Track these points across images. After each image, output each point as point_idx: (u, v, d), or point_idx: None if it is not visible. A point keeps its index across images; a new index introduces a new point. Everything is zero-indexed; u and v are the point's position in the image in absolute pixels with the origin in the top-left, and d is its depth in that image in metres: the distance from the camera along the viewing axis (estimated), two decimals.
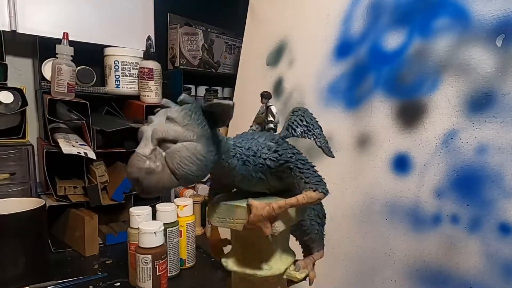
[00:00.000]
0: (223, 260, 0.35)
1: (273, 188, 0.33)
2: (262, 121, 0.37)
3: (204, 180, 0.37)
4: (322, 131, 0.35)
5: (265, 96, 0.37)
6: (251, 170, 0.31)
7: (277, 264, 0.33)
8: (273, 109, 0.36)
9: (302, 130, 0.34)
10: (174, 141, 0.26)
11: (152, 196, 0.27)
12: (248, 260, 0.33)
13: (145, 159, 0.25)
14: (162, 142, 0.26)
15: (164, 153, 0.26)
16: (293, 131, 0.34)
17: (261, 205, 0.29)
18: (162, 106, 0.28)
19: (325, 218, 0.39)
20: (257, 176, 0.31)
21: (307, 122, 0.34)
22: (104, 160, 0.83)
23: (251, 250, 0.33)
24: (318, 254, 0.39)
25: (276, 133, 0.35)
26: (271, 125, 0.36)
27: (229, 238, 0.38)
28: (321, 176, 0.31)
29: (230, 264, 0.34)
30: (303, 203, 0.30)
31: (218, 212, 0.32)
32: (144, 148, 0.25)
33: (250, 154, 0.31)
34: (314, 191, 0.30)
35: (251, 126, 0.38)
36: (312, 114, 0.35)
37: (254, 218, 0.29)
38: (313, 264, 0.38)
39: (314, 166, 0.31)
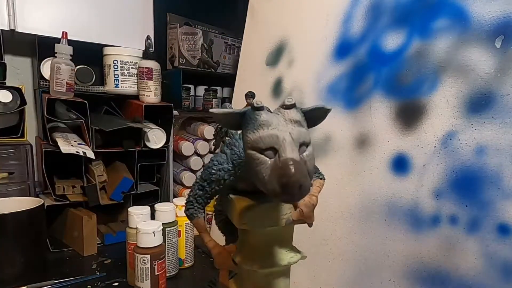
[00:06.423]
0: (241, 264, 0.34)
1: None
2: None
3: None
4: None
5: (250, 95, 0.38)
6: None
7: (293, 251, 0.35)
8: None
9: None
10: (307, 144, 0.26)
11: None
12: (269, 255, 0.34)
13: (301, 163, 0.25)
14: (301, 146, 0.26)
15: (304, 156, 0.26)
16: None
17: (307, 200, 0.32)
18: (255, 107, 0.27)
19: None
20: None
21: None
22: (103, 160, 0.83)
23: (273, 245, 0.35)
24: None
25: None
26: None
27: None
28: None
29: (253, 265, 0.34)
30: (321, 191, 0.34)
31: (259, 213, 0.33)
32: (293, 153, 0.25)
33: None
34: (321, 179, 0.34)
35: None
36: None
37: (307, 209, 0.32)
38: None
39: None
